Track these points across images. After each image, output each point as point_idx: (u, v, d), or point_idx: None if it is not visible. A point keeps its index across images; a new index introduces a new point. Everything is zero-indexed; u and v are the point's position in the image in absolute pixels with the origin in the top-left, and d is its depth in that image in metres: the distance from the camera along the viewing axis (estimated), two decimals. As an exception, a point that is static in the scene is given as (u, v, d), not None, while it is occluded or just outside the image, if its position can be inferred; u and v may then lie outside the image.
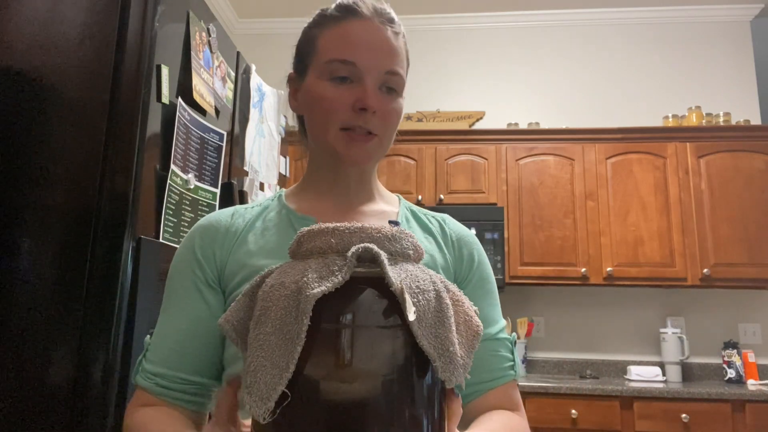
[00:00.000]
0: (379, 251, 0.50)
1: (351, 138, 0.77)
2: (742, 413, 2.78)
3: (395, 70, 0.78)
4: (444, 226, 0.87)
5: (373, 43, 0.77)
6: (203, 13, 1.64)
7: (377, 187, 0.89)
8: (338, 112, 0.76)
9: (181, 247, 0.83)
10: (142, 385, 0.74)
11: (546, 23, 3.98)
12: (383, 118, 0.77)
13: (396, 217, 0.86)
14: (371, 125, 0.76)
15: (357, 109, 0.75)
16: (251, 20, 4.15)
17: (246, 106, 2.00)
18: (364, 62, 0.76)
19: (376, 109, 0.76)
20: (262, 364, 0.47)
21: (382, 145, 0.80)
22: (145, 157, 1.32)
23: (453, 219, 0.89)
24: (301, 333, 0.46)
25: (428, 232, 0.85)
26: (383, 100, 0.77)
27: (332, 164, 0.82)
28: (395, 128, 0.81)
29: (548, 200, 3.39)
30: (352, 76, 0.77)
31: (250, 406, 0.46)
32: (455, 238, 0.85)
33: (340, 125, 0.77)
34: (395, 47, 0.79)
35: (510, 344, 0.82)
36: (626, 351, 3.52)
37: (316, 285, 0.47)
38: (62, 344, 1.21)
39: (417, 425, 0.48)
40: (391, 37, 0.79)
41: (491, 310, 0.83)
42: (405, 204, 0.90)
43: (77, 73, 1.34)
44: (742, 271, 3.20)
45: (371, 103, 0.75)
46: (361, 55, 0.76)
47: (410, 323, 0.48)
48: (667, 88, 3.81)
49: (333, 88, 0.77)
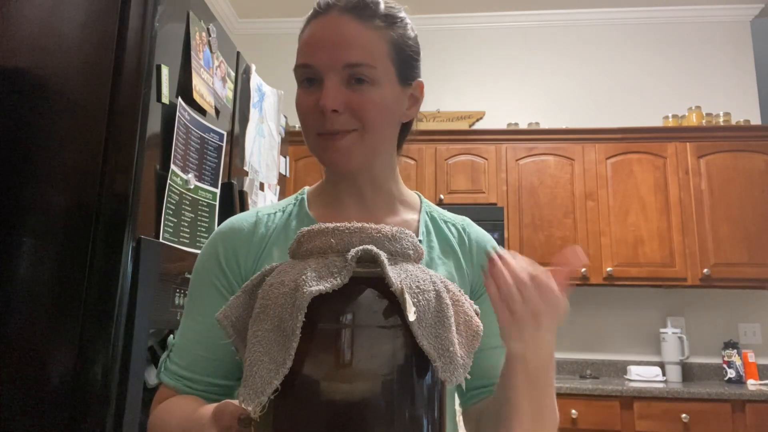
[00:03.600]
0: (379, 252, 0.50)
1: (325, 141, 0.75)
2: (742, 413, 2.78)
3: (354, 62, 0.73)
4: (463, 233, 0.85)
5: (327, 39, 0.73)
6: (203, 13, 1.64)
7: (399, 190, 0.85)
8: (308, 117, 0.75)
9: (203, 252, 0.82)
10: (169, 384, 0.76)
11: (546, 23, 3.98)
12: (354, 113, 0.73)
13: (417, 227, 0.83)
14: (338, 125, 0.73)
15: (319, 112, 0.73)
16: (251, 20, 4.15)
17: (246, 106, 2.00)
18: (318, 62, 0.73)
19: (336, 107, 0.72)
20: (260, 359, 0.48)
21: (364, 140, 0.75)
22: (145, 157, 1.32)
23: (473, 224, 0.87)
24: (296, 329, 0.46)
25: (447, 244, 0.83)
26: (349, 95, 0.73)
27: (338, 172, 0.80)
28: (378, 121, 0.75)
29: (548, 200, 3.39)
30: (316, 77, 0.74)
31: (243, 398, 0.47)
32: (476, 248, 0.83)
33: (316, 131, 0.75)
34: (356, 36, 0.74)
35: None
36: (626, 351, 3.52)
37: (313, 283, 0.48)
38: (62, 344, 1.21)
39: (417, 425, 0.49)
40: (352, 27, 0.74)
41: None
42: (427, 208, 0.87)
43: (77, 73, 1.34)
44: (742, 271, 3.20)
45: (326, 103, 0.71)
46: (315, 55, 0.74)
47: (410, 323, 0.48)
48: (667, 88, 3.81)
49: (303, 95, 0.76)
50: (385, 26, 0.76)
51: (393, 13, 0.78)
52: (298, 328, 0.46)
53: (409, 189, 0.89)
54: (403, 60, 0.79)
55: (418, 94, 0.83)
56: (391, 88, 0.76)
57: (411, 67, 0.81)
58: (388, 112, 0.77)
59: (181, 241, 1.45)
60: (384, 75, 0.75)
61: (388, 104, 0.76)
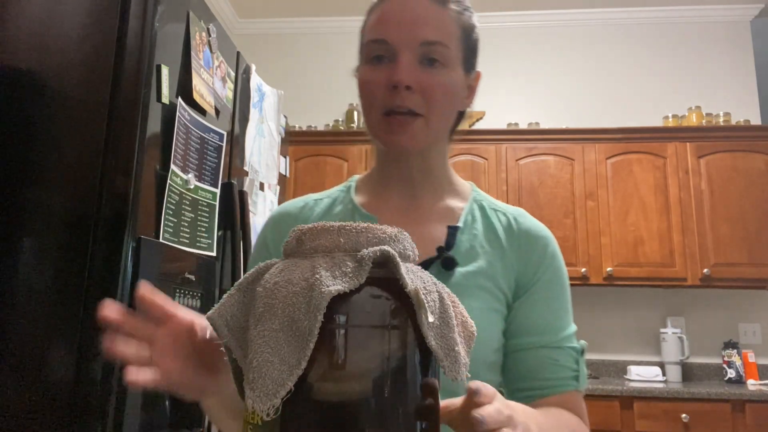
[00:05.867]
0: (395, 253, 0.50)
1: (391, 122, 0.73)
2: (742, 413, 2.78)
3: (432, 40, 0.72)
4: (513, 222, 0.81)
5: (405, 15, 0.73)
6: (203, 13, 1.64)
7: (449, 178, 0.84)
8: (375, 94, 0.73)
9: (256, 240, 0.85)
10: None
11: (546, 23, 3.98)
12: (424, 93, 0.72)
13: (461, 214, 0.81)
14: (410, 102, 0.72)
15: (391, 88, 0.71)
16: (251, 20, 4.15)
17: (246, 106, 2.00)
18: (394, 37, 0.72)
19: (410, 84, 0.71)
20: (269, 360, 0.46)
21: (430, 126, 0.74)
22: (145, 157, 1.32)
23: (527, 215, 0.83)
24: (313, 329, 0.45)
25: (492, 231, 0.80)
26: (422, 73, 0.72)
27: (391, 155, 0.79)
28: (445, 106, 0.75)
29: (548, 200, 3.39)
30: (388, 54, 0.73)
31: (253, 401, 0.45)
32: (524, 238, 0.79)
33: (382, 110, 0.73)
34: (433, 16, 0.73)
35: (575, 353, 0.75)
36: (626, 351, 3.52)
37: (330, 283, 0.47)
38: (62, 344, 1.21)
39: (419, 425, 0.49)
40: (429, 6, 0.73)
41: (553, 316, 0.76)
42: (477, 197, 0.85)
43: (77, 73, 1.34)
44: (742, 271, 3.20)
45: (401, 77, 0.70)
46: (391, 31, 0.73)
47: (421, 323, 0.48)
48: (667, 88, 3.81)
49: (370, 71, 0.75)
50: (458, 11, 0.76)
51: (463, 1, 0.78)
52: (315, 328, 0.45)
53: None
54: (469, 47, 0.79)
55: (475, 84, 0.83)
56: (457, 73, 0.76)
57: (474, 55, 0.81)
58: (453, 97, 0.76)
59: (181, 241, 1.45)
60: (454, 58, 0.75)
61: (454, 89, 0.76)
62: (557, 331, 0.76)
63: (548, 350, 0.74)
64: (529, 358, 0.75)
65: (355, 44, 0.82)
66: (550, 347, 0.75)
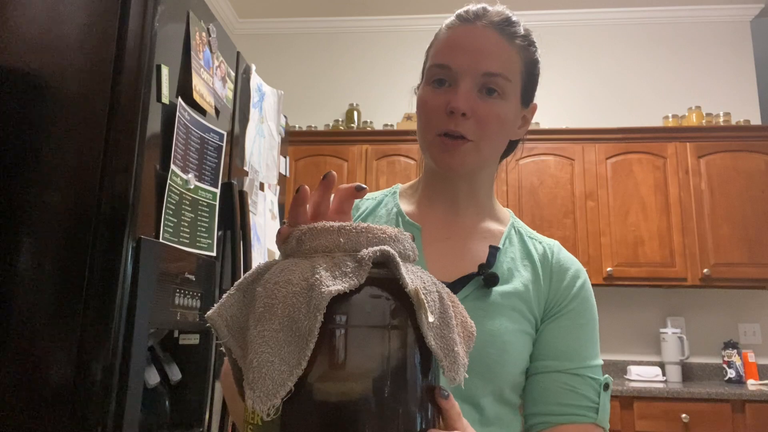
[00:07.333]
0: (395, 253, 0.50)
1: (444, 143, 0.76)
2: (742, 413, 2.78)
3: (494, 72, 0.75)
4: (548, 253, 0.83)
5: (470, 45, 0.76)
6: (203, 13, 1.64)
7: (489, 204, 0.87)
8: (432, 116, 0.77)
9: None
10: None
11: (546, 23, 3.98)
12: (478, 121, 0.75)
13: (500, 237, 0.83)
14: (463, 129, 0.75)
15: (448, 113, 0.74)
16: (251, 20, 4.15)
17: (246, 106, 2.00)
18: (458, 64, 0.75)
19: (466, 111, 0.74)
20: (269, 360, 0.46)
21: (480, 152, 0.77)
22: (145, 157, 1.32)
23: (562, 247, 0.86)
24: (314, 329, 0.45)
25: (528, 257, 0.82)
26: (479, 102, 0.75)
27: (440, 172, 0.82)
28: (496, 134, 0.78)
29: (548, 200, 3.39)
30: (449, 79, 0.76)
31: (253, 401, 0.45)
32: (556, 268, 0.81)
33: (437, 131, 0.76)
34: (497, 49, 0.76)
35: (597, 385, 0.75)
36: (626, 351, 3.52)
37: (330, 283, 0.47)
38: (62, 344, 1.21)
39: (421, 424, 0.49)
40: (495, 40, 0.77)
41: (576, 344, 0.77)
42: (515, 223, 0.87)
43: (77, 73, 1.34)
44: (742, 271, 3.20)
45: (459, 105, 0.73)
46: (456, 58, 0.76)
47: (421, 323, 0.48)
48: (667, 88, 3.81)
49: (431, 93, 0.78)
50: (523, 46, 0.80)
51: (530, 36, 0.82)
52: (316, 328, 0.45)
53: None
54: (529, 81, 0.82)
55: (530, 116, 0.87)
56: (514, 104, 0.79)
57: (533, 89, 0.84)
58: (506, 127, 0.79)
59: (181, 241, 1.45)
60: (513, 90, 0.78)
61: (508, 119, 0.79)
62: (579, 360, 0.76)
63: (567, 376, 0.75)
64: (546, 380, 0.76)
65: (355, 44, 0.83)
66: (569, 373, 0.75)
